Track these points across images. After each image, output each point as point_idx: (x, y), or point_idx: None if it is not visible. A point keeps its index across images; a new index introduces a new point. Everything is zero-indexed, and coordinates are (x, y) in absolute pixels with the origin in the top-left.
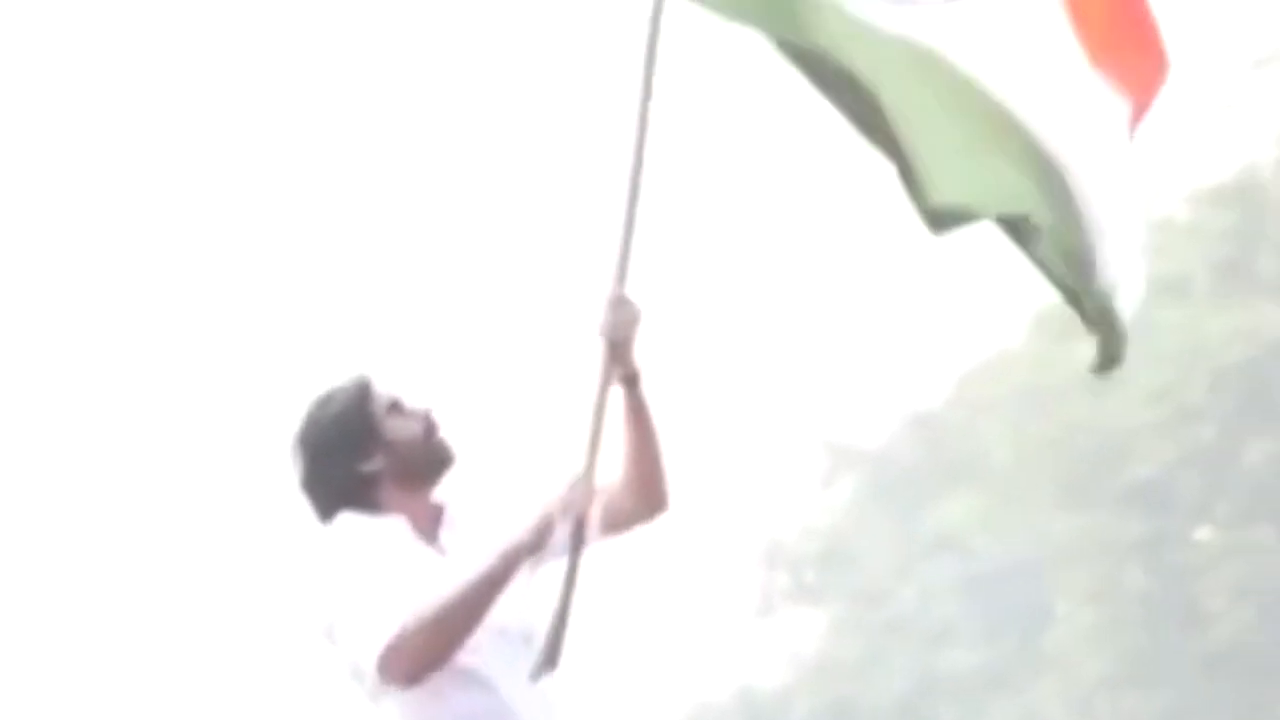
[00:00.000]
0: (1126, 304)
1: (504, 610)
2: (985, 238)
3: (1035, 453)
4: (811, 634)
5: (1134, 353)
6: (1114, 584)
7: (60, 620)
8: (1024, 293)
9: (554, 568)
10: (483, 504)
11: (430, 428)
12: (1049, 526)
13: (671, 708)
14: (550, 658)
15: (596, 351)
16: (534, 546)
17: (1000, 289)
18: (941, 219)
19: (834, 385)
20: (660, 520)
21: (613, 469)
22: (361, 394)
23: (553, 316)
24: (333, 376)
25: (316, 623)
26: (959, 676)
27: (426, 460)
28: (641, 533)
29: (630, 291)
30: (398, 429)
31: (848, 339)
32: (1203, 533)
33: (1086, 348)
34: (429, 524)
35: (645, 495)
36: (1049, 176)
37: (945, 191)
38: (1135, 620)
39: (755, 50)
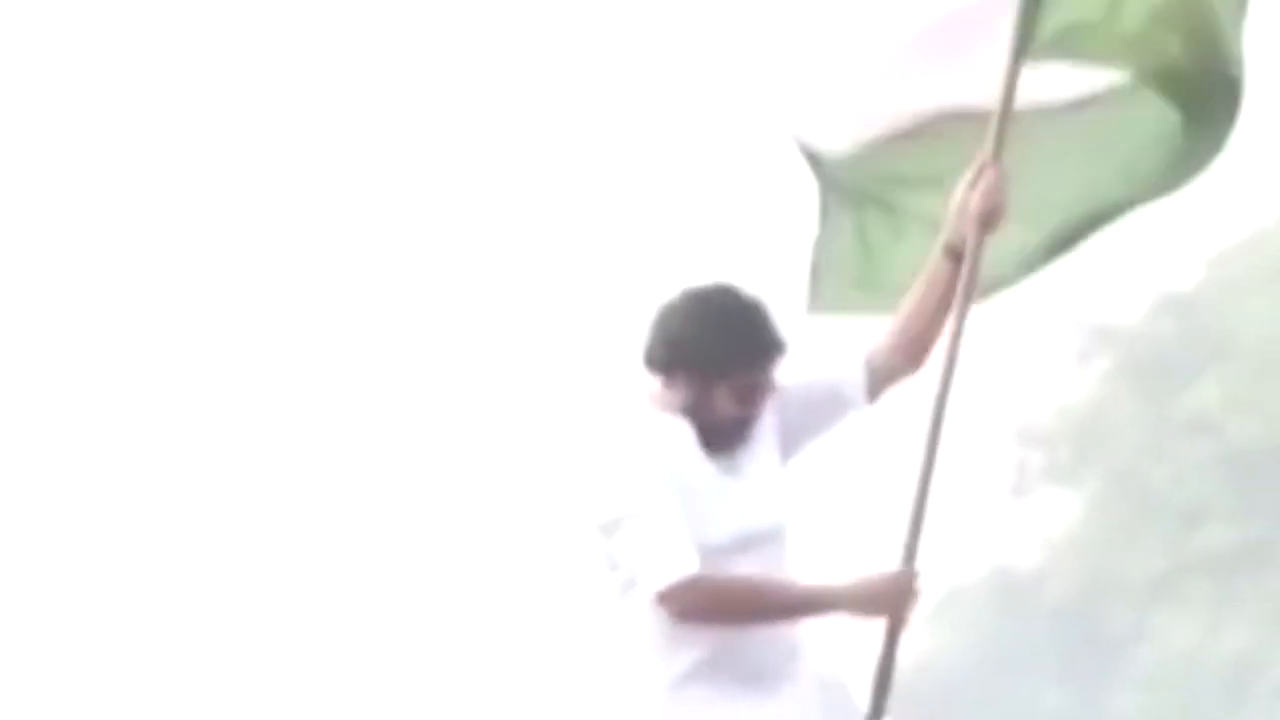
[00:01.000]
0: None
1: (754, 512)
2: (1245, 123)
3: None
4: (1065, 514)
5: None
6: None
7: (59, 620)
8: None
9: (804, 459)
10: (774, 428)
11: (746, 420)
12: None
13: (926, 589)
14: (910, 550)
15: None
16: (841, 610)
17: (1254, 167)
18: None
19: (1088, 263)
20: (914, 397)
21: (881, 332)
22: (754, 355)
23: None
24: (332, 377)
25: (592, 514)
26: (1214, 556)
27: (707, 434)
28: (895, 411)
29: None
30: (721, 404)
31: None
32: None
33: None
34: (729, 439)
35: (915, 354)
36: None
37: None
38: None
39: None
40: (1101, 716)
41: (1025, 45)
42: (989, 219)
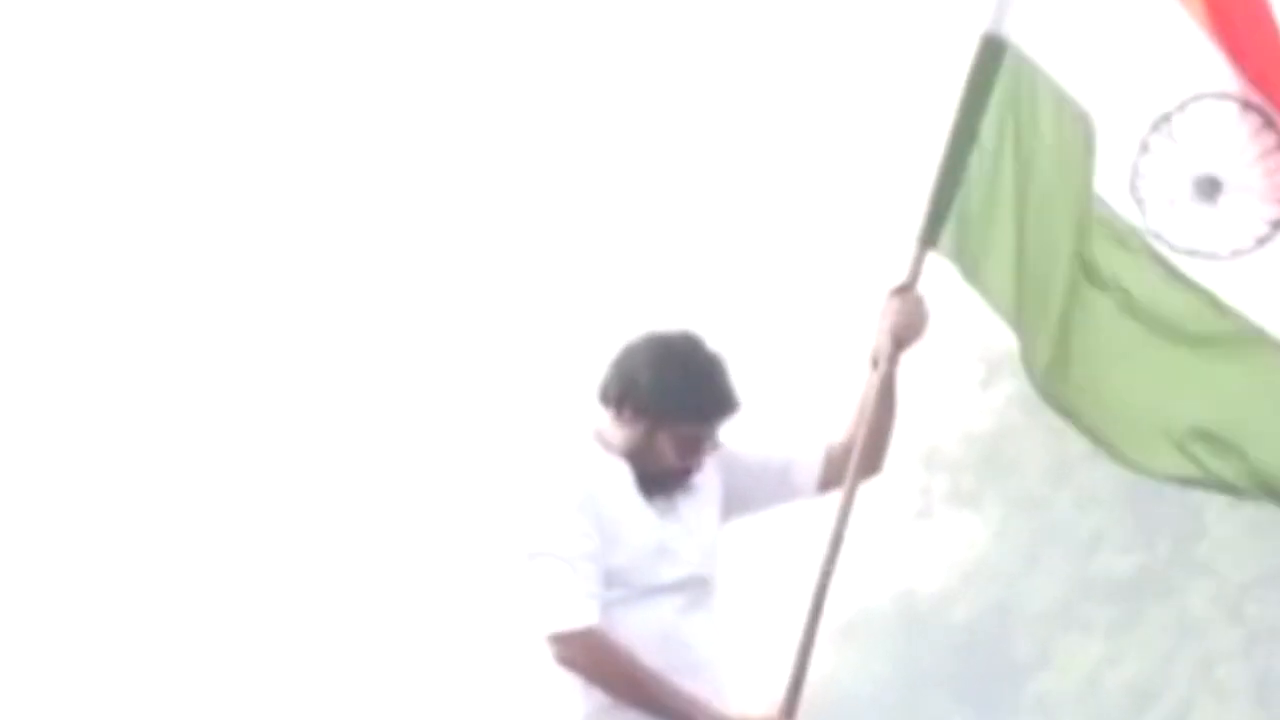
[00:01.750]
0: None
1: (684, 556)
2: None
3: None
4: (970, 538)
5: None
6: None
7: (59, 620)
8: None
9: (742, 523)
10: (717, 478)
11: (685, 471)
12: None
13: (831, 611)
14: (791, 701)
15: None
16: None
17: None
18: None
19: None
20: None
21: (840, 429)
22: (702, 409)
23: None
24: (331, 377)
25: (519, 542)
26: (1114, 582)
27: (645, 477)
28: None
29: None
30: (662, 450)
31: None
32: None
33: None
34: (669, 485)
35: (869, 460)
36: None
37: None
38: None
39: None
40: None
41: (933, 235)
42: (903, 337)
